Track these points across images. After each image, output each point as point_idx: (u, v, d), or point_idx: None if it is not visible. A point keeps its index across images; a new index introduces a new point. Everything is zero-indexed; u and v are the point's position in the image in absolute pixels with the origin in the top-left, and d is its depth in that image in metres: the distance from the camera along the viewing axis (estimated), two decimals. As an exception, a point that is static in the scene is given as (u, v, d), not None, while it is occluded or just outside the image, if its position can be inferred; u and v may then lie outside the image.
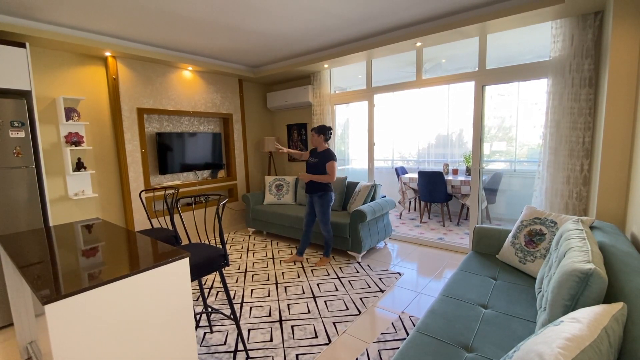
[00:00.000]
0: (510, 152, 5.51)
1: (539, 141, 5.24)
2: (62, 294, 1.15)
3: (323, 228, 3.48)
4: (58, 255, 1.60)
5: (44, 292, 1.15)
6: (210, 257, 1.84)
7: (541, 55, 3.17)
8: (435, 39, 3.35)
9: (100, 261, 1.49)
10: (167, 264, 1.45)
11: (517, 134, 5.32)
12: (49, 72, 3.27)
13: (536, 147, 5.29)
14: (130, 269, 1.36)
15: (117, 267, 1.40)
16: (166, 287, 1.46)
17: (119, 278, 1.29)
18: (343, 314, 2.53)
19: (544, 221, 2.17)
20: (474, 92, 3.49)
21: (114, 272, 1.33)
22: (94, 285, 1.22)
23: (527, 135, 5.31)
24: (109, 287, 1.27)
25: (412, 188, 5.32)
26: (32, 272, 1.35)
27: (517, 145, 5.42)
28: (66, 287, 1.21)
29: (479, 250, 2.57)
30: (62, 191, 3.41)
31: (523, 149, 5.33)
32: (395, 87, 4.11)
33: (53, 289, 1.19)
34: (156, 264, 1.41)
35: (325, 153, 3.39)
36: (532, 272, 2.09)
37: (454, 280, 2.09)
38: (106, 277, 1.28)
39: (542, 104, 5.21)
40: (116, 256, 1.55)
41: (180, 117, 4.39)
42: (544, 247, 2.09)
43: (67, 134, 3.39)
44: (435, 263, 3.50)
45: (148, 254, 1.56)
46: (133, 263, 1.45)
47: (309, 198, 3.51)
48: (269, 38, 3.54)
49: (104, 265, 1.43)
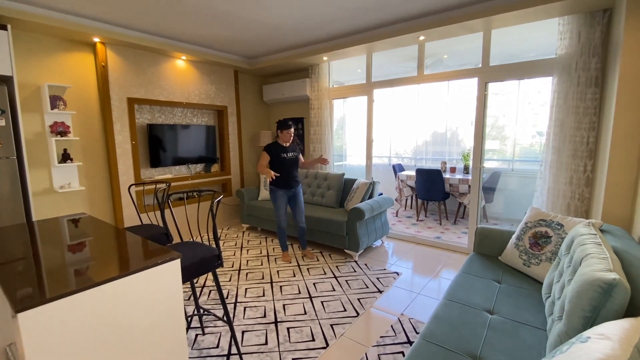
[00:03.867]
0: (506, 151, 5.48)
1: (535, 140, 5.22)
2: (38, 300, 1.03)
3: (304, 220, 3.56)
4: (37, 254, 1.47)
5: (17, 297, 1.04)
6: (204, 257, 1.73)
7: (545, 54, 3.10)
8: (439, 33, 3.25)
9: (83, 262, 1.37)
10: (156, 266, 1.34)
11: (516, 133, 5.28)
12: (34, 58, 3.10)
13: (531, 147, 5.27)
14: (115, 271, 1.25)
15: (101, 269, 1.28)
16: (155, 290, 1.35)
17: (103, 282, 1.18)
18: (341, 315, 2.45)
19: (550, 223, 2.11)
20: (477, 88, 3.41)
21: (98, 274, 1.22)
22: (74, 291, 1.11)
23: (525, 134, 5.28)
24: (91, 291, 1.15)
25: (409, 186, 5.25)
26: (6, 273, 1.23)
27: (514, 144, 5.38)
28: (42, 292, 1.09)
29: (481, 252, 2.51)
30: (47, 183, 3.25)
31: (517, 147, 5.30)
32: (396, 82, 4.01)
33: (29, 293, 1.07)
34: (144, 267, 1.30)
35: (293, 146, 3.50)
36: (537, 276, 2.02)
37: (457, 283, 2.02)
38: (88, 280, 1.17)
39: (540, 103, 5.23)
40: (101, 256, 1.43)
41: (172, 109, 4.24)
42: (549, 250, 2.03)
43: (53, 123, 3.23)
44: (433, 263, 3.44)
45: (136, 255, 1.44)
46: (119, 265, 1.34)
47: (291, 192, 3.47)
48: (267, 27, 3.41)
49: (87, 267, 1.32)
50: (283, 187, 3.39)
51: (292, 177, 3.42)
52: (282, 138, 3.38)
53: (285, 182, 3.38)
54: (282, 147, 3.39)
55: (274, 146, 3.38)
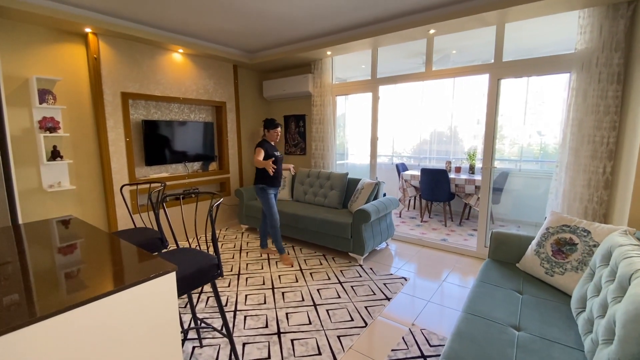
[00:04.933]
0: (504, 150, 5.35)
1: (534, 140, 5.08)
2: (4, 328, 0.87)
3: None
4: (11, 267, 1.31)
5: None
6: (201, 267, 1.57)
7: (562, 49, 2.94)
8: (451, 27, 3.09)
9: (68, 277, 1.21)
10: (149, 281, 1.18)
11: (525, 133, 5.15)
12: (21, 49, 2.91)
13: (529, 146, 5.14)
14: (103, 288, 1.09)
15: (87, 285, 1.12)
16: (148, 306, 1.19)
17: (88, 301, 1.02)
18: (348, 325, 2.29)
19: (575, 229, 1.96)
20: (488, 85, 3.25)
21: (83, 292, 1.06)
22: (50, 314, 0.94)
23: (527, 134, 5.15)
24: (76, 311, 0.99)
25: (413, 186, 5.11)
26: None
27: (514, 144, 5.25)
28: (11, 317, 0.93)
29: (497, 258, 2.36)
30: (36, 183, 3.07)
31: (517, 147, 5.17)
32: (403, 78, 3.85)
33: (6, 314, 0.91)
34: (135, 282, 1.14)
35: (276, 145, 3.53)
36: (562, 287, 1.88)
37: (476, 295, 1.87)
38: (70, 300, 1.01)
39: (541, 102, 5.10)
40: (87, 270, 1.26)
41: (169, 104, 4.05)
42: (575, 258, 1.88)
43: (42, 118, 3.04)
44: (441, 267, 3.29)
45: (127, 268, 1.28)
46: (107, 280, 1.18)
47: (277, 190, 3.51)
48: (270, 19, 3.23)
49: (72, 282, 1.15)
50: (275, 186, 3.42)
51: (281, 176, 3.47)
52: (270, 137, 3.38)
53: (276, 181, 3.42)
54: (272, 146, 3.40)
55: (266, 144, 3.35)
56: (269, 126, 3.35)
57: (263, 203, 3.39)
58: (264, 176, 3.33)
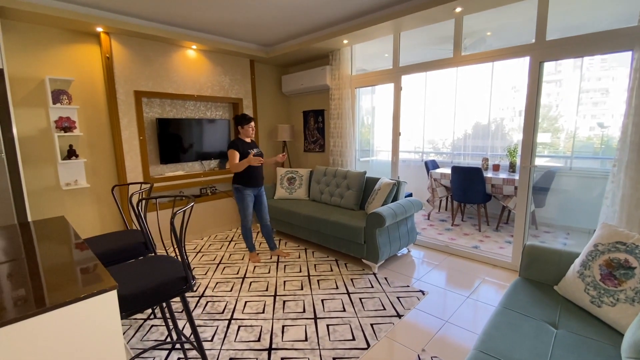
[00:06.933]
0: (559, 144, 4.67)
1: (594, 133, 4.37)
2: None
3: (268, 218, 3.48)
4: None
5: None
6: (162, 282, 1.40)
7: (620, 22, 2.39)
8: (480, 3, 2.66)
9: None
10: (75, 303, 1.02)
11: (575, 125, 4.47)
12: (36, 50, 2.98)
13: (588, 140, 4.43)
14: (19, 310, 0.95)
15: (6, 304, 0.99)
16: (79, 332, 1.04)
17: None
18: (347, 345, 2.04)
19: (633, 249, 1.53)
20: (528, 70, 2.77)
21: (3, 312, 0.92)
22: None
23: (583, 126, 4.45)
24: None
25: (443, 185, 4.65)
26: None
27: (569, 138, 4.56)
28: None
29: (530, 277, 1.96)
30: (53, 181, 3.16)
31: (572, 141, 4.47)
32: (428, 65, 3.45)
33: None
34: (53, 306, 0.98)
35: (254, 142, 3.33)
36: (613, 322, 1.47)
37: (495, 325, 1.52)
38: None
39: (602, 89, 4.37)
40: (9, 286, 1.14)
41: (184, 102, 4.02)
42: (632, 287, 1.46)
43: (58, 118, 3.11)
44: (467, 279, 2.90)
45: (50, 285, 1.12)
46: (29, 300, 1.04)
47: (257, 190, 3.32)
48: (285, 8, 3.02)
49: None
50: (252, 186, 3.23)
51: (260, 174, 3.28)
52: (244, 134, 3.20)
53: (254, 180, 3.23)
54: (247, 144, 3.20)
55: (240, 142, 3.16)
56: (242, 122, 3.16)
57: (237, 203, 3.26)
58: (241, 175, 3.17)
